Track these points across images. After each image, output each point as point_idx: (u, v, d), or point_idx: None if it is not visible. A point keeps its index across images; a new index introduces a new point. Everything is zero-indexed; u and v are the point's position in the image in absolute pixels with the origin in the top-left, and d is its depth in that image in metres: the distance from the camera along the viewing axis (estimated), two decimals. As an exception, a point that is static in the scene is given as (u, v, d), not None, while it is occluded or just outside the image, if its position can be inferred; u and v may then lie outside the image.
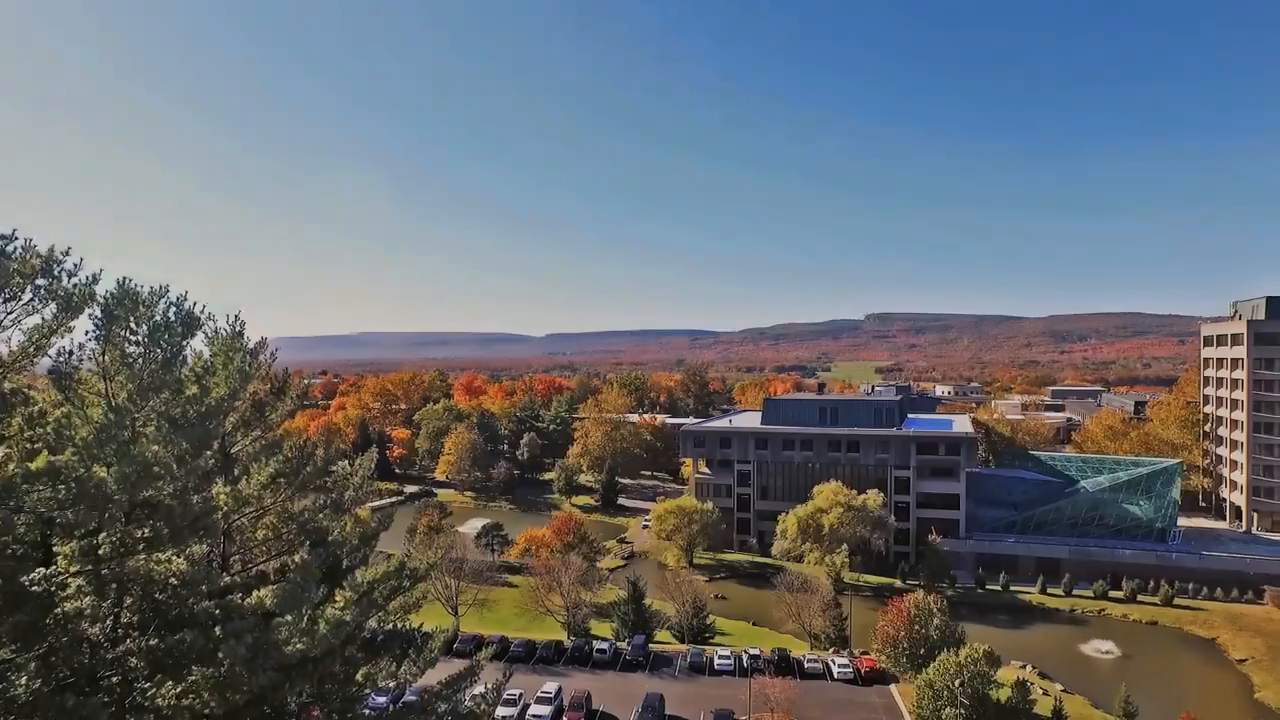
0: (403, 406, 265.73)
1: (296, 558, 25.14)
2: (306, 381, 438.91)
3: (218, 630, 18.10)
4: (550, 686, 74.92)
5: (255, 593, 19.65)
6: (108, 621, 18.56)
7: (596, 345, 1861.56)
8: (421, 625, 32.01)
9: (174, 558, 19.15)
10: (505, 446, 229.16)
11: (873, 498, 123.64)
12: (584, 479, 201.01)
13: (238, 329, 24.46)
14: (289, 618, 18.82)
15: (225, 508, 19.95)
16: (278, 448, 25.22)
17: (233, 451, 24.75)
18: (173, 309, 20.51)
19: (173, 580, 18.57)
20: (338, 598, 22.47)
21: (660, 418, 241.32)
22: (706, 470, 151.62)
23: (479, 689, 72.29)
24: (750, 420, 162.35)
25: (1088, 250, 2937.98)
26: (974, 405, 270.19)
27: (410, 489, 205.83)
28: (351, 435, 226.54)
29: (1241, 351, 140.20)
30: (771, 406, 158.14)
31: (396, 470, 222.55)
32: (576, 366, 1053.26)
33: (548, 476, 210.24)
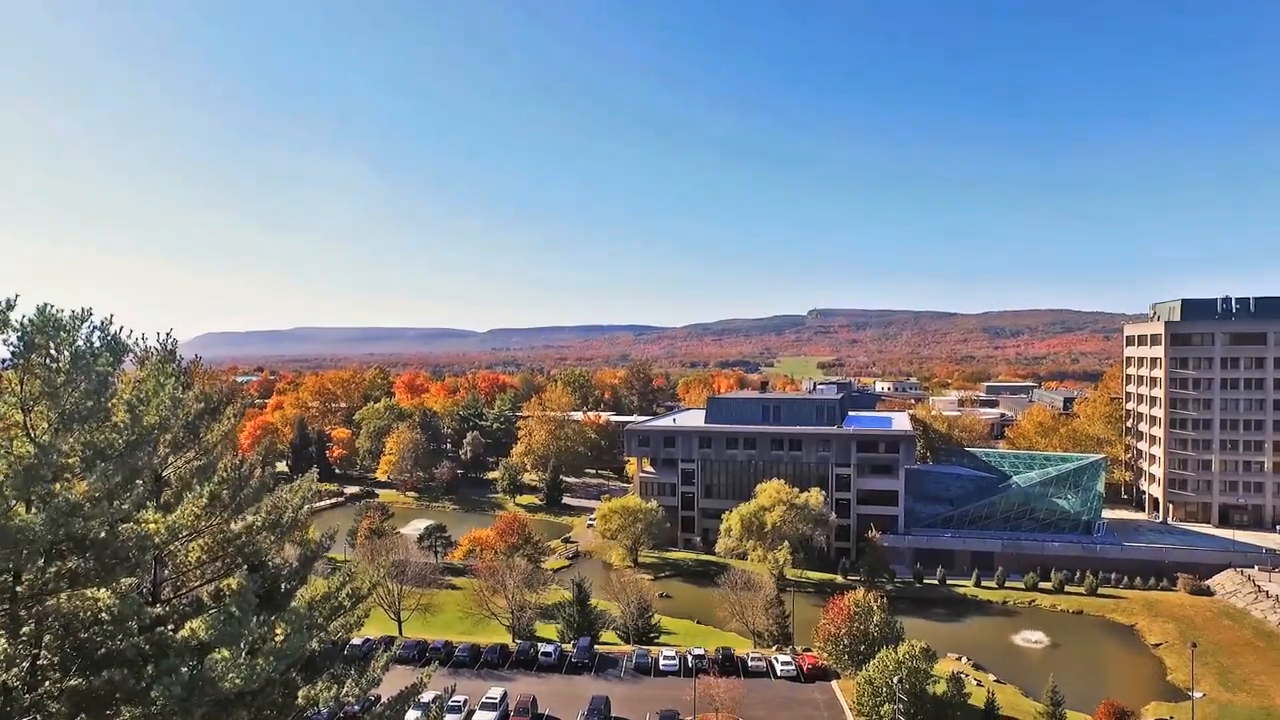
0: (343, 405, 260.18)
1: (233, 582, 24.43)
2: (241, 379, 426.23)
3: (149, 668, 17.44)
4: (495, 692, 74.50)
5: (189, 625, 18.96)
6: (24, 664, 17.64)
7: (541, 341, 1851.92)
8: (365, 640, 31.52)
9: (99, 592, 18.38)
10: (448, 446, 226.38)
11: (814, 496, 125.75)
12: (528, 478, 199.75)
13: (169, 348, 23.57)
14: (225, 652, 18.24)
15: (158, 539, 19.18)
16: (213, 469, 24.39)
17: (164, 475, 23.84)
18: (97, 334, 19.57)
19: (100, 616, 17.82)
20: (278, 630, 21.81)
21: (605, 416, 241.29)
22: (651, 469, 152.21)
23: (426, 697, 71.41)
24: (694, 419, 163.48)
25: (1021, 249, 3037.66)
26: (913, 402, 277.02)
27: (351, 490, 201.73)
28: (289, 435, 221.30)
29: (1159, 351, 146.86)
30: (715, 405, 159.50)
31: (336, 471, 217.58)
32: (521, 362, 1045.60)
33: (491, 476, 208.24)
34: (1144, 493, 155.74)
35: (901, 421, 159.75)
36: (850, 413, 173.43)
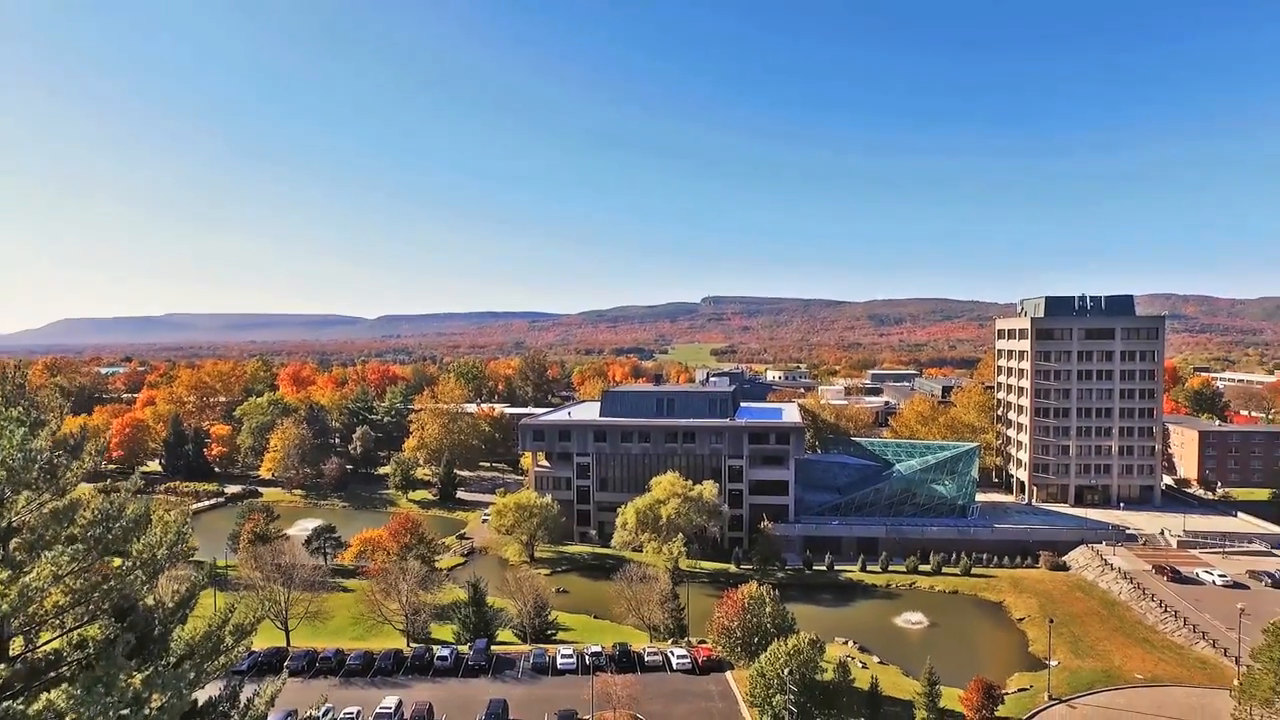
0: (222, 400, 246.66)
1: (97, 630, 22.84)
2: (106, 371, 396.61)
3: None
4: (390, 701, 72.68)
5: (45, 696, 17.43)
6: None
7: (433, 328, 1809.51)
8: (251, 654, 30.03)
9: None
10: (337, 441, 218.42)
11: (708, 488, 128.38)
12: (421, 473, 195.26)
13: (18, 382, 21.65)
14: (91, 722, 16.91)
15: (6, 608, 17.52)
16: (71, 514, 22.59)
17: (14, 524, 21.83)
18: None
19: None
20: (155, 700, 20.23)
21: (499, 408, 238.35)
22: (546, 463, 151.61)
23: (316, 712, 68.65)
24: (589, 412, 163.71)
25: (904, 240, 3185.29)
26: (802, 391, 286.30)
27: (232, 489, 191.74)
28: (163, 433, 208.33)
29: (1026, 345, 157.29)
30: (610, 398, 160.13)
31: (216, 470, 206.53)
32: (412, 350, 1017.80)
33: (383, 471, 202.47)
34: (1012, 476, 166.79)
35: (791, 413, 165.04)
36: (742, 404, 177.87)
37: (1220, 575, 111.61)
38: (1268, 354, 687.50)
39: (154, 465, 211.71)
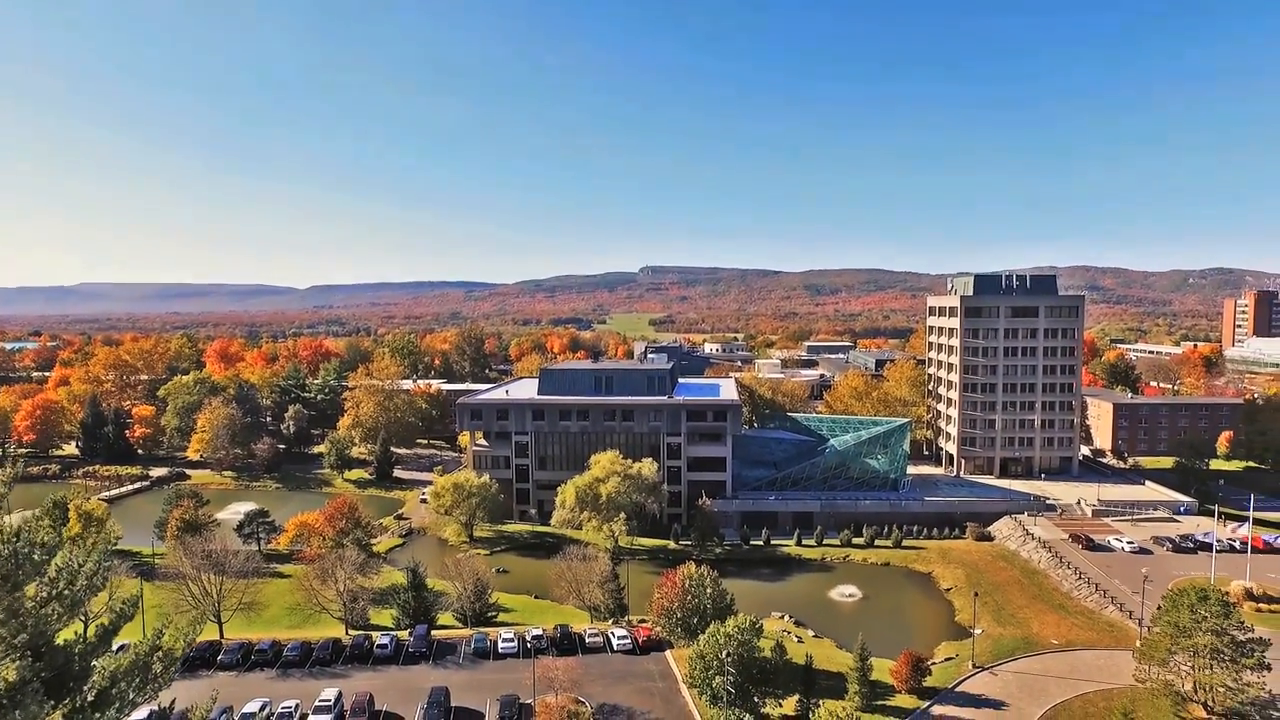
0: (144, 378, 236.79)
1: (10, 671, 21.85)
2: (11, 347, 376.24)
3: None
4: (329, 693, 71.80)
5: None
6: None
7: (367, 298, 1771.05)
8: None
9: None
10: (268, 419, 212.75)
11: (647, 466, 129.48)
12: (357, 452, 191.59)
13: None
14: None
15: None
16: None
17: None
18: None
19: None
20: None
21: (435, 385, 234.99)
22: (484, 442, 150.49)
23: (252, 706, 67.54)
24: (527, 390, 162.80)
25: (840, 211, 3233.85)
26: (740, 365, 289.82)
27: (158, 472, 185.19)
28: (79, 414, 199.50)
29: (955, 322, 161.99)
30: (548, 376, 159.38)
31: (139, 452, 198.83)
32: (345, 321, 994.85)
33: (318, 451, 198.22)
34: (942, 449, 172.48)
35: (729, 389, 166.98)
36: (680, 380, 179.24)
37: (1129, 542, 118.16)
38: (1175, 325, 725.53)
39: (70, 448, 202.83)
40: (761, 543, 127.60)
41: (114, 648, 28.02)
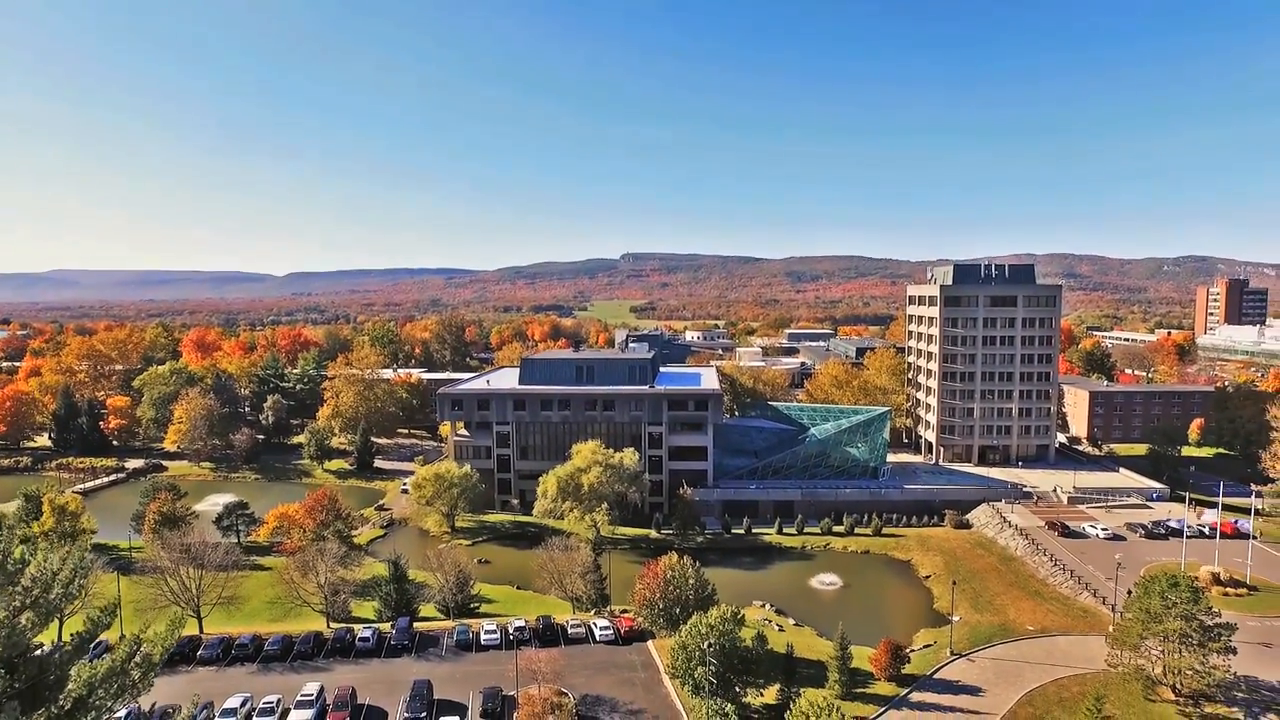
0: (119, 368, 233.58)
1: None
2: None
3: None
4: (311, 687, 71.66)
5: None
6: None
7: (346, 285, 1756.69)
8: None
9: None
10: (247, 410, 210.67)
11: (628, 455, 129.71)
12: (337, 442, 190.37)
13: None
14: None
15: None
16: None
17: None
18: None
19: None
20: None
21: (416, 374, 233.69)
22: (465, 432, 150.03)
23: (234, 701, 67.26)
24: (508, 379, 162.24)
25: (821, 198, 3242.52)
26: (721, 353, 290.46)
27: (134, 464, 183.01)
28: (51, 405, 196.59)
29: (935, 311, 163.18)
30: (529, 366, 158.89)
31: (115, 443, 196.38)
32: (324, 309, 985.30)
33: (297, 441, 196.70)
34: (921, 437, 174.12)
35: (710, 378, 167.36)
36: (662, 369, 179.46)
37: (1103, 529, 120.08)
38: (1150, 312, 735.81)
39: (43, 440, 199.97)
40: (743, 531, 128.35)
41: (91, 647, 27.76)
